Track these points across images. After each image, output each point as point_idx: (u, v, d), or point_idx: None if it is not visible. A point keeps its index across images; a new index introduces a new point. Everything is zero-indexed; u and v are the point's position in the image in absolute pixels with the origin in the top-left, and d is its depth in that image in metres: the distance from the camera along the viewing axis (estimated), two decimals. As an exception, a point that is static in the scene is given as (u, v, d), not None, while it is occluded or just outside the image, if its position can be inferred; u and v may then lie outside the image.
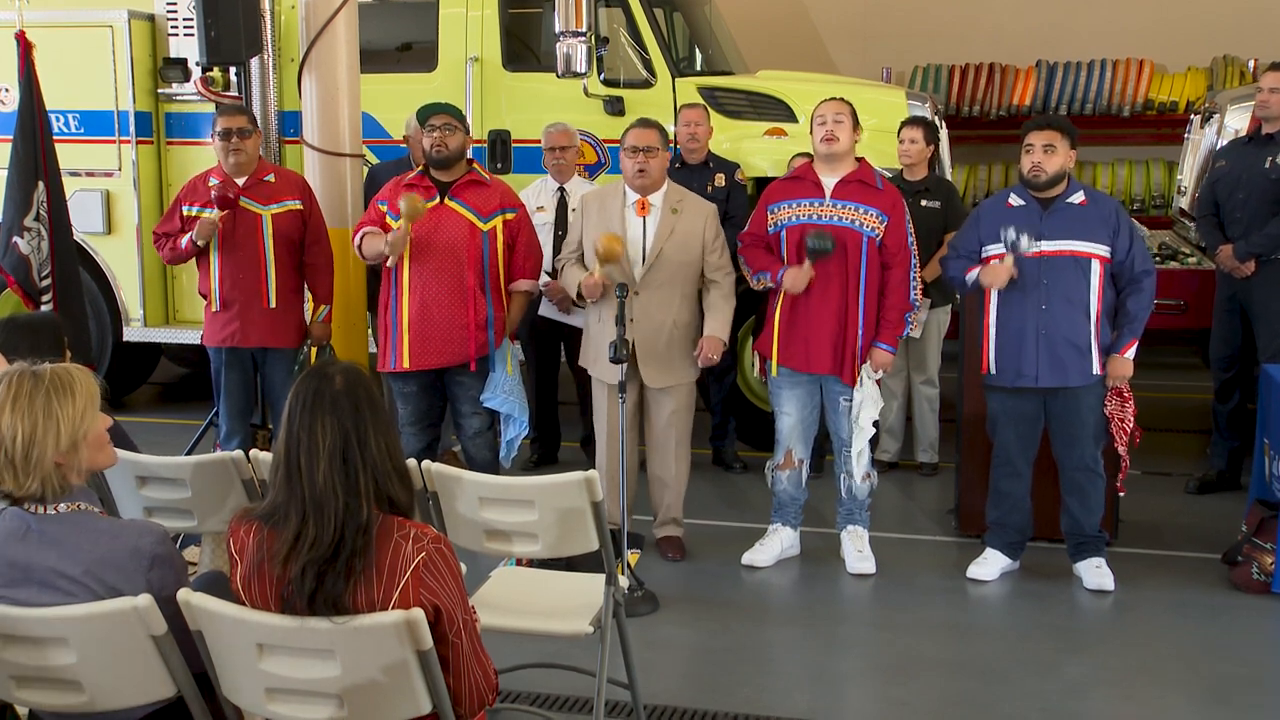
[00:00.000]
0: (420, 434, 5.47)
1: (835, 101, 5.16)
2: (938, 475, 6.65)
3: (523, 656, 4.17)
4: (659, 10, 7.35)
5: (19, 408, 2.54)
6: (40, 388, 2.57)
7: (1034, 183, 4.96)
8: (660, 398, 5.31)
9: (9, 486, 2.56)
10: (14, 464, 2.54)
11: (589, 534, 3.55)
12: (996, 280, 4.94)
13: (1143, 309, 4.96)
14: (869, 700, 4.29)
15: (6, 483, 2.56)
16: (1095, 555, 5.13)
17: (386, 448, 2.54)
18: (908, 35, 11.01)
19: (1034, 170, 4.94)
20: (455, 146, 5.27)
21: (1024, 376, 4.98)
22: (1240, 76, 9.94)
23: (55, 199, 6.00)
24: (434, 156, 5.27)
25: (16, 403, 2.55)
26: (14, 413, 2.54)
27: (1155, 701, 4.17)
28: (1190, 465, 6.67)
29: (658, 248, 5.17)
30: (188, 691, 2.61)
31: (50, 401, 2.57)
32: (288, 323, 5.84)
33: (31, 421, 2.54)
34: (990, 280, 4.96)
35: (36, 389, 2.57)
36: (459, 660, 2.54)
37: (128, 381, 8.20)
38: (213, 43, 6.44)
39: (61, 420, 2.57)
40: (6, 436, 2.53)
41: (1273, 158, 6.02)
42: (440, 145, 5.24)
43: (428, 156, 5.31)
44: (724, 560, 5.44)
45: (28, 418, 2.54)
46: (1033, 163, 4.94)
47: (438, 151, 5.25)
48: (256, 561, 2.51)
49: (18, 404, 2.55)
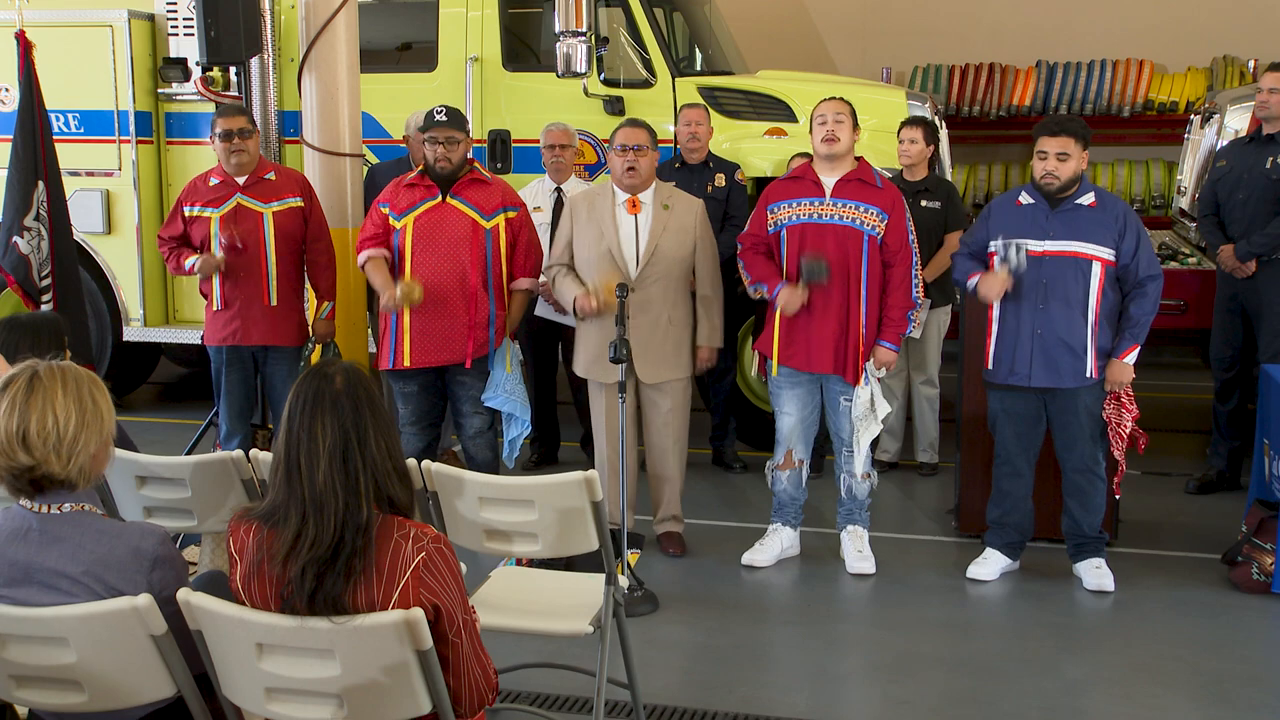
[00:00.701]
0: (421, 434, 5.47)
1: (835, 101, 5.16)
2: (937, 475, 6.66)
3: (523, 656, 4.17)
4: (659, 10, 7.35)
5: (70, 393, 2.57)
6: (82, 380, 2.61)
7: (1047, 189, 4.94)
8: (657, 394, 5.32)
9: (53, 469, 2.56)
10: (62, 446, 2.55)
11: (589, 534, 3.55)
12: (991, 292, 4.94)
13: (1146, 314, 4.93)
14: (869, 699, 4.29)
15: (52, 465, 2.56)
16: (1095, 556, 5.13)
17: (386, 448, 2.54)
18: (908, 35, 11.01)
19: (1047, 178, 4.91)
20: (458, 160, 5.26)
21: (1016, 374, 4.98)
22: (1240, 77, 9.94)
23: (55, 199, 6.00)
24: (438, 171, 5.26)
25: (67, 389, 2.58)
26: (66, 397, 2.57)
27: (1155, 701, 4.16)
28: (1190, 465, 6.67)
29: (652, 244, 5.18)
30: (187, 691, 2.61)
31: (94, 392, 2.62)
32: (288, 321, 5.84)
33: (82, 407, 2.58)
34: (985, 291, 4.97)
35: (80, 380, 2.61)
36: (459, 660, 2.54)
37: (127, 381, 8.20)
38: (213, 42, 6.44)
39: (105, 411, 2.63)
40: (61, 419, 2.55)
41: (1273, 158, 6.01)
42: (444, 160, 5.23)
43: (429, 169, 5.30)
44: (724, 560, 5.44)
45: (79, 403, 2.58)
46: (1046, 170, 4.90)
47: (442, 167, 5.24)
48: (256, 561, 2.52)
49: (68, 390, 2.58)
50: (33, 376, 2.58)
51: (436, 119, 5.23)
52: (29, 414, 2.53)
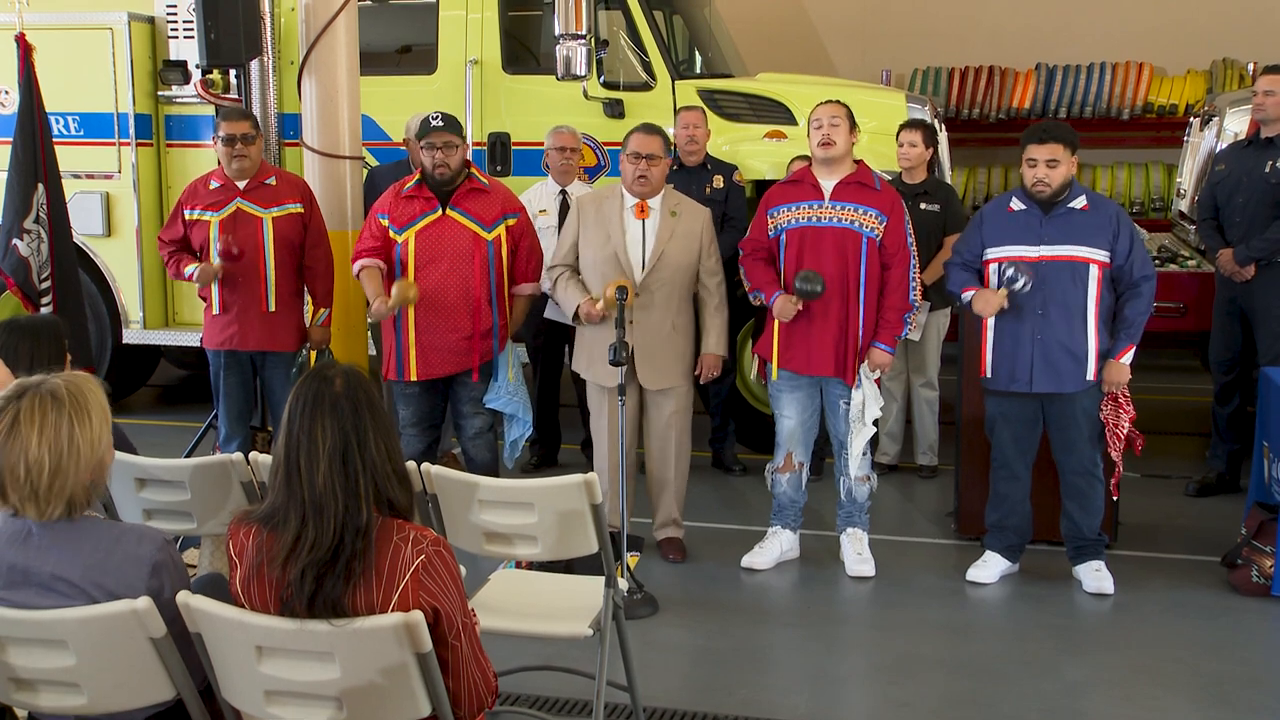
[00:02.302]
0: (421, 436, 5.47)
1: (831, 104, 5.16)
2: (937, 478, 6.66)
3: (522, 659, 4.17)
4: (659, 13, 7.36)
5: (45, 439, 2.49)
6: (63, 412, 2.52)
7: (1039, 197, 4.95)
8: (659, 400, 5.31)
9: (30, 514, 2.54)
10: (37, 494, 2.51)
11: (589, 536, 3.55)
12: (987, 310, 4.95)
13: (1140, 314, 4.95)
14: (868, 701, 4.29)
15: (29, 511, 2.53)
16: (1095, 558, 5.13)
17: (386, 450, 2.54)
18: (907, 37, 11.02)
19: (1038, 185, 4.93)
20: (456, 165, 5.25)
21: (1018, 381, 4.98)
22: (1240, 79, 9.94)
23: (55, 201, 6.00)
24: (436, 179, 5.25)
25: (43, 433, 2.49)
26: (40, 444, 2.49)
27: (1155, 703, 4.16)
28: (1190, 468, 6.67)
29: (659, 250, 5.18)
30: (187, 694, 2.61)
31: (74, 428, 2.52)
32: (287, 326, 5.83)
33: (56, 453, 2.50)
34: (981, 308, 4.97)
35: (60, 414, 2.52)
36: (458, 662, 2.54)
37: (127, 384, 8.20)
38: (212, 45, 6.44)
39: (83, 446, 2.54)
40: (33, 468, 2.49)
41: (1273, 162, 6.00)
42: (442, 167, 5.21)
43: (428, 177, 5.29)
44: (723, 563, 5.44)
45: (53, 449, 2.50)
46: (1036, 177, 4.93)
47: (440, 173, 5.22)
48: (255, 564, 2.51)
49: (44, 434, 2.49)
50: (15, 417, 2.50)
51: (433, 125, 5.21)
52: (4, 459, 2.49)
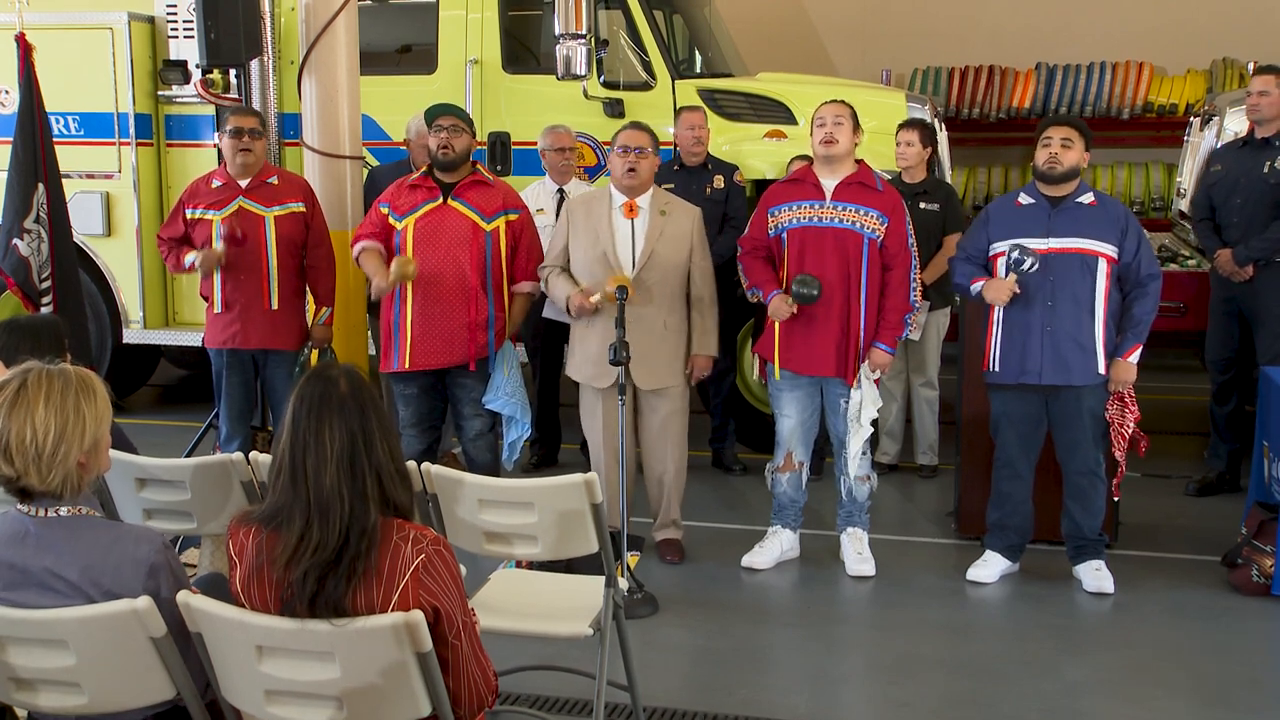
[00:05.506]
0: (421, 436, 5.47)
1: (835, 104, 5.16)
2: (937, 477, 6.65)
3: (522, 658, 4.17)
4: (659, 12, 7.35)
5: (52, 404, 2.55)
6: (70, 387, 2.58)
7: (1049, 174, 4.96)
8: (655, 400, 5.31)
9: (32, 481, 2.55)
10: (40, 459, 2.53)
11: (589, 536, 3.55)
12: (999, 297, 4.95)
13: (1147, 313, 4.96)
14: (869, 701, 4.29)
15: (31, 478, 2.55)
16: (1095, 558, 5.13)
17: (390, 450, 2.54)
18: (907, 37, 11.01)
19: (1050, 161, 4.96)
20: (461, 149, 5.26)
21: (1028, 373, 4.98)
22: (1239, 79, 9.93)
23: (55, 201, 6.00)
24: (440, 159, 5.26)
25: (50, 399, 2.55)
26: (47, 408, 2.54)
27: (1155, 703, 4.16)
28: (1189, 467, 6.67)
29: (649, 249, 5.18)
30: (187, 694, 2.61)
31: (79, 400, 2.58)
32: (289, 325, 5.84)
33: (63, 418, 2.55)
34: (993, 297, 4.97)
35: (66, 387, 2.58)
36: (458, 662, 2.54)
37: (127, 383, 8.20)
38: (213, 45, 6.44)
39: (88, 419, 2.58)
40: (39, 431, 2.53)
41: (1271, 162, 6.01)
42: (447, 147, 5.23)
43: (433, 158, 5.29)
44: (724, 562, 5.44)
45: (60, 414, 2.55)
46: (1050, 154, 4.96)
47: (444, 154, 5.24)
48: (256, 564, 2.51)
49: (50, 400, 2.55)
50: (20, 386, 2.56)
51: (443, 107, 5.27)
52: (10, 425, 2.52)
